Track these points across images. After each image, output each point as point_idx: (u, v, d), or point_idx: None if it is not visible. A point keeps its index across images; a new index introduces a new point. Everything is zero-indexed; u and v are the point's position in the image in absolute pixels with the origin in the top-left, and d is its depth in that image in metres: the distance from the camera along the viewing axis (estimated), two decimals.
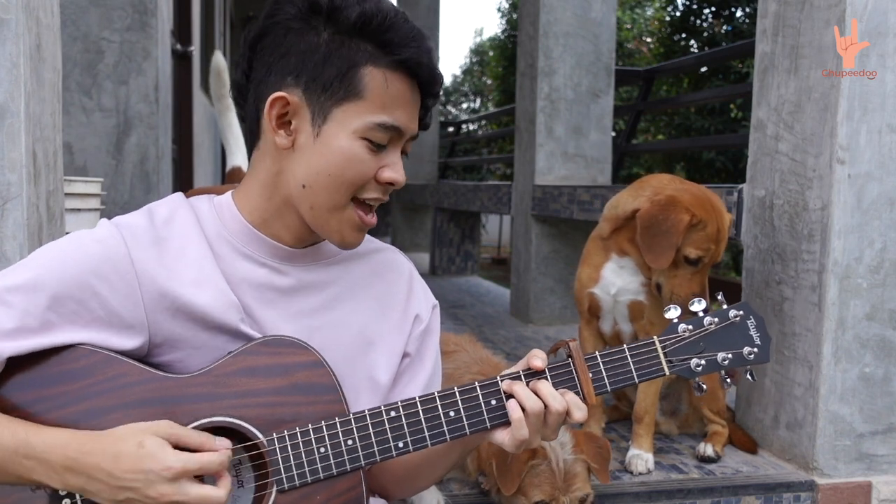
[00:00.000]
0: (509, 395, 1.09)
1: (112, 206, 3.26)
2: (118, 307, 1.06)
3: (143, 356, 1.10)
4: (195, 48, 5.58)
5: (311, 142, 1.09)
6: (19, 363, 1.03)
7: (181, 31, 5.14)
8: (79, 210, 2.39)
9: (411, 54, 1.09)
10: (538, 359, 1.11)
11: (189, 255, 1.11)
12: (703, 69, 8.39)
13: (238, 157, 2.68)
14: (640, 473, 2.02)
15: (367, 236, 1.31)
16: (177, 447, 0.98)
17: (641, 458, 2.05)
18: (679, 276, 1.99)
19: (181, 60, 5.01)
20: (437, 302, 1.34)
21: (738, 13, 8.84)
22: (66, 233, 1.97)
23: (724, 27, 9.03)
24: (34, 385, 1.03)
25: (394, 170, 1.13)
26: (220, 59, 2.73)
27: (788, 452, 2.13)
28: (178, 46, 4.79)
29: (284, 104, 1.10)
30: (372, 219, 1.16)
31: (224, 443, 1.01)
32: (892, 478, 2.05)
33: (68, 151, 3.33)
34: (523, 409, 1.07)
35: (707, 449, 2.13)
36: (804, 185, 2.07)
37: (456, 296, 5.31)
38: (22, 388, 1.03)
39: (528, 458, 1.61)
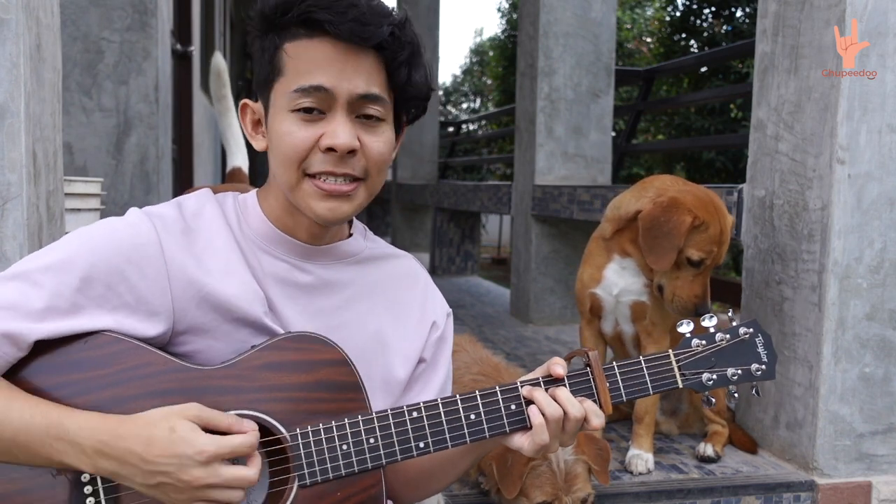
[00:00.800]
0: (529, 401, 1.11)
1: (112, 206, 3.25)
2: (146, 293, 1.07)
3: (164, 344, 1.11)
4: (195, 48, 5.58)
5: (268, 134, 1.14)
6: (45, 347, 1.03)
7: (181, 31, 5.14)
8: (79, 210, 2.39)
9: (301, 10, 1.06)
10: (560, 366, 1.13)
11: (217, 246, 1.13)
12: (703, 69, 8.39)
13: (238, 157, 2.67)
14: (641, 473, 2.02)
15: (382, 241, 1.33)
16: (206, 430, 0.99)
17: (641, 458, 2.05)
18: (681, 278, 1.99)
19: (181, 60, 5.01)
20: (451, 310, 1.35)
21: (738, 13, 8.84)
22: (66, 233, 1.97)
23: (724, 27, 9.03)
24: (59, 370, 1.03)
25: (331, 135, 1.07)
26: (219, 60, 2.73)
27: (788, 452, 2.13)
28: (178, 46, 4.79)
29: (252, 111, 1.18)
30: (335, 185, 1.10)
31: (251, 424, 1.02)
32: (892, 478, 2.05)
33: (68, 151, 3.33)
34: (543, 415, 1.10)
35: (707, 449, 2.13)
36: (804, 185, 2.07)
37: (456, 296, 5.31)
38: (47, 372, 1.03)
39: (529, 460, 1.61)
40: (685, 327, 1.19)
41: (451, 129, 10.69)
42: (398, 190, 7.46)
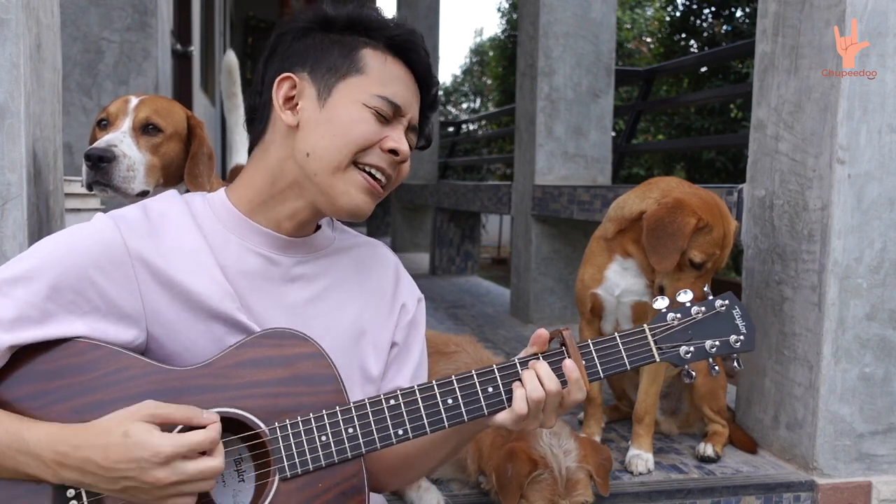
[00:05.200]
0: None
1: (112, 206, 3.25)
2: (115, 297, 1.08)
3: (142, 350, 1.11)
4: (195, 48, 5.58)
5: (317, 114, 1.16)
6: (25, 356, 1.04)
7: (181, 31, 5.14)
8: (79, 210, 2.39)
9: (401, 32, 1.19)
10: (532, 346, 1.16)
11: (184, 246, 1.13)
12: (703, 69, 8.39)
13: (242, 154, 2.68)
14: (641, 473, 2.02)
15: (351, 230, 1.34)
16: (165, 426, 0.99)
17: (641, 458, 2.05)
18: (682, 280, 1.99)
19: (181, 60, 5.02)
20: (422, 295, 1.37)
21: (738, 13, 8.84)
22: None
23: (724, 27, 9.03)
24: (39, 378, 1.04)
25: (398, 141, 1.17)
26: (231, 57, 2.75)
27: (788, 452, 2.13)
28: (178, 46, 4.79)
29: (292, 85, 1.18)
30: (377, 184, 1.18)
31: (211, 416, 1.02)
32: (892, 478, 2.05)
33: (68, 151, 3.33)
34: (524, 388, 1.12)
35: (707, 449, 2.13)
36: (804, 185, 2.07)
37: (456, 296, 5.31)
38: (27, 381, 1.04)
39: (529, 471, 1.61)
40: (660, 303, 1.19)
41: (451, 129, 10.69)
42: (398, 190, 7.46)
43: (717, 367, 1.24)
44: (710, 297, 1.20)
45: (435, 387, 1.11)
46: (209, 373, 1.07)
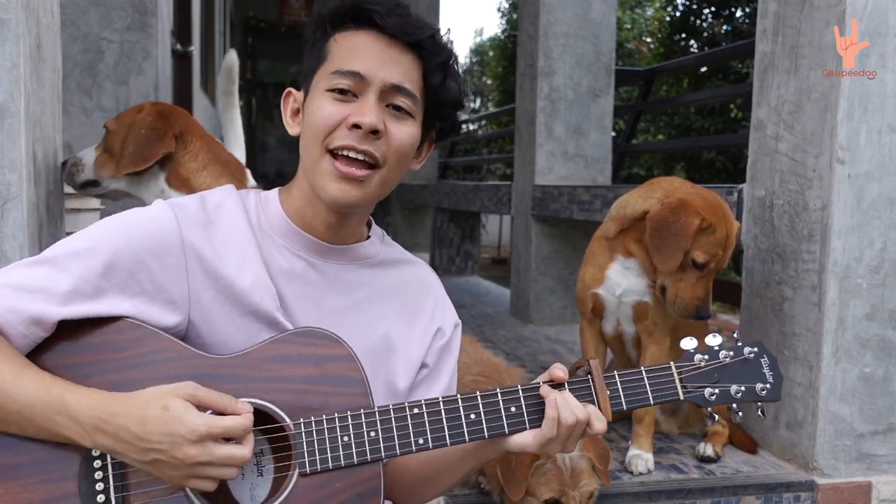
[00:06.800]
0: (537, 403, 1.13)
1: (112, 206, 3.25)
2: (165, 282, 1.11)
3: (181, 336, 1.14)
4: (195, 48, 5.58)
5: (304, 118, 1.19)
6: (68, 330, 1.08)
7: (181, 31, 5.14)
8: (79, 210, 2.39)
9: (354, 3, 1.15)
10: (559, 370, 1.16)
11: (234, 240, 1.16)
12: (703, 69, 8.38)
13: (236, 152, 2.69)
14: (641, 473, 2.02)
15: (399, 247, 1.35)
16: (201, 409, 1.01)
17: (641, 458, 2.05)
18: (685, 280, 1.99)
19: (181, 60, 5.02)
20: (460, 321, 1.37)
21: (738, 13, 8.82)
22: (67, 233, 1.97)
23: (724, 27, 9.02)
24: (80, 350, 1.08)
25: (358, 114, 1.12)
26: (233, 57, 2.76)
27: (788, 452, 2.13)
28: (178, 46, 4.79)
29: (294, 99, 1.24)
30: (353, 170, 1.13)
31: (246, 406, 1.04)
32: (892, 478, 2.05)
33: (68, 151, 3.32)
34: (558, 411, 1.11)
35: (707, 449, 2.13)
36: (804, 185, 2.07)
37: (456, 296, 5.29)
38: (69, 352, 1.08)
39: (532, 460, 1.62)
40: (688, 343, 1.20)
41: None
42: (398, 190, 7.45)
43: (740, 413, 1.25)
44: (740, 344, 1.21)
45: (459, 400, 1.12)
46: (242, 363, 1.10)
